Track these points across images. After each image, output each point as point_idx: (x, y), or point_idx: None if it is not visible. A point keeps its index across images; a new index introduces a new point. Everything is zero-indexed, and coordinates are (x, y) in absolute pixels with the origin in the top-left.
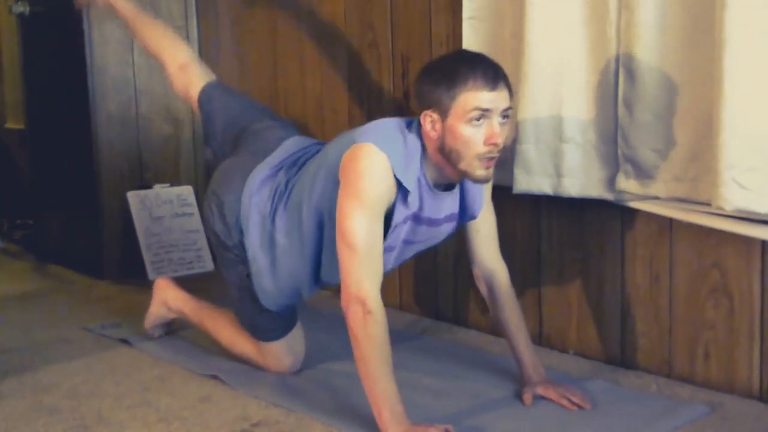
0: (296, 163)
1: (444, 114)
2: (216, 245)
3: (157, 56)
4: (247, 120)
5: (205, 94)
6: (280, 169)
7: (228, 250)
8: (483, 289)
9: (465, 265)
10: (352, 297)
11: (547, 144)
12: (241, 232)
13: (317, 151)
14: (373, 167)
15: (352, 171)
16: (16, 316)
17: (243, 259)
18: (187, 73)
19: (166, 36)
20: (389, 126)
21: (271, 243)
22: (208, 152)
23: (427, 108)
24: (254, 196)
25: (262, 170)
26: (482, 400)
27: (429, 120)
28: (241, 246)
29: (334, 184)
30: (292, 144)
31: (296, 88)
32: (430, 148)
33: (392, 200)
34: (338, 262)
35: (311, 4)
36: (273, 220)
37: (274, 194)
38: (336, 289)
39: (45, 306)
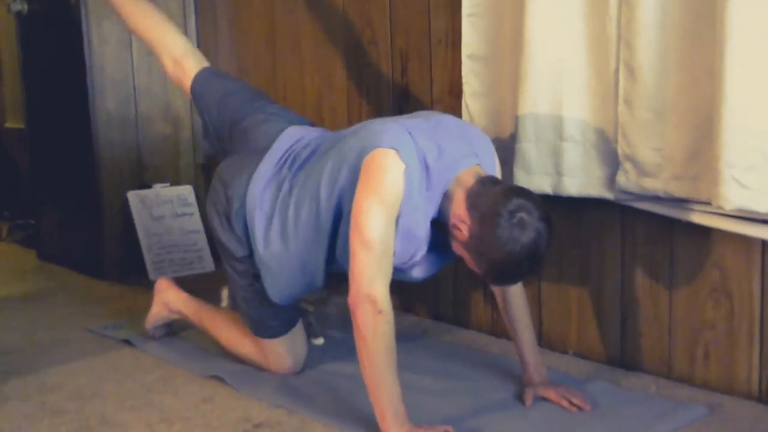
0: (296, 160)
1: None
2: (223, 254)
3: (151, 46)
4: (240, 114)
5: (198, 85)
6: (281, 167)
7: (237, 260)
8: (494, 287)
9: (465, 265)
10: (363, 295)
11: (547, 143)
12: (249, 242)
13: (316, 138)
14: (396, 168)
15: (375, 169)
16: (18, 317)
17: (248, 271)
18: (182, 66)
19: (160, 25)
20: (411, 148)
21: (283, 239)
22: (205, 145)
23: (471, 226)
24: (258, 202)
25: (262, 171)
26: (482, 400)
27: (465, 226)
28: (251, 256)
29: (353, 184)
30: (286, 138)
31: (295, 86)
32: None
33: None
34: (350, 258)
35: (310, 1)
36: (284, 216)
37: (279, 192)
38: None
39: (47, 307)
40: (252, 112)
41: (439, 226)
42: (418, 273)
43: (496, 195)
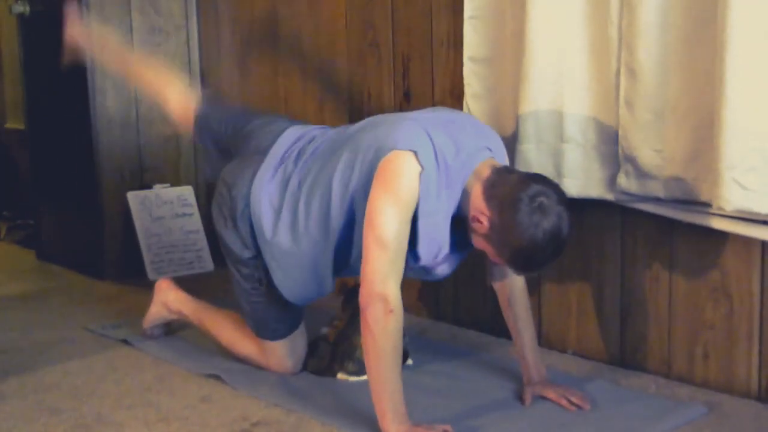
0: (301, 154)
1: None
2: (228, 257)
3: (156, 93)
4: (243, 119)
5: (201, 110)
6: (285, 162)
7: (242, 263)
8: (496, 284)
9: (465, 265)
10: (376, 294)
11: (548, 144)
12: (254, 237)
13: (321, 133)
14: (413, 171)
15: (391, 171)
16: (16, 316)
17: (253, 275)
18: (189, 94)
19: (160, 70)
20: (428, 148)
21: (293, 234)
22: (207, 170)
23: (491, 216)
24: (263, 195)
25: (265, 169)
26: (482, 400)
27: (484, 217)
28: (257, 258)
29: (366, 187)
30: (288, 136)
31: (296, 88)
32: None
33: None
34: (363, 256)
35: (312, 3)
36: (293, 210)
37: (286, 187)
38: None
39: (45, 306)
40: (254, 117)
41: (457, 223)
42: (441, 271)
43: (513, 182)
